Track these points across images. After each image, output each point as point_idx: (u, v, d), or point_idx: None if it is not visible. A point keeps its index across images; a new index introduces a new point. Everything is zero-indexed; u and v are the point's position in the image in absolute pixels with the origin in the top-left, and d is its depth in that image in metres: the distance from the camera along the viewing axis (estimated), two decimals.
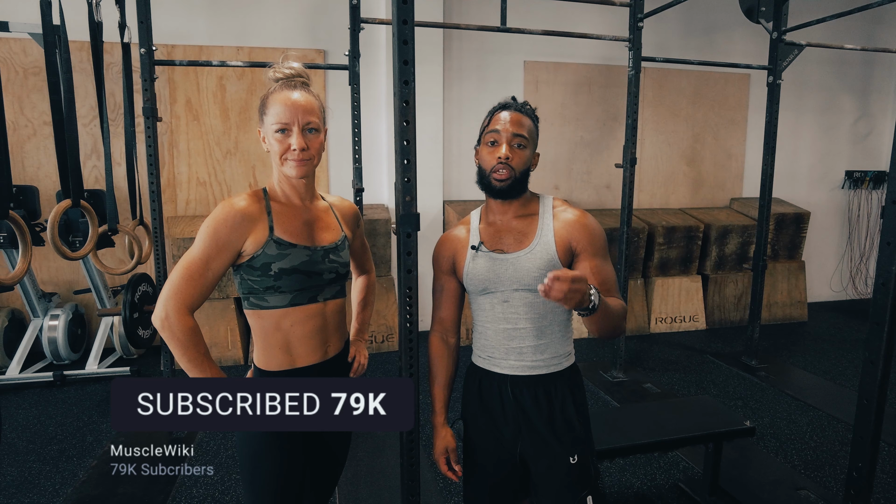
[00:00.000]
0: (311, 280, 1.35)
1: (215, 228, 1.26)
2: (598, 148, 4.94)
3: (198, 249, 1.26)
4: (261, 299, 1.33)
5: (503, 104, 1.40)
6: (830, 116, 5.48)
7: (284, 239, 1.32)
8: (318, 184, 4.39)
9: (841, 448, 2.89)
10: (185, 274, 1.25)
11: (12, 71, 3.79)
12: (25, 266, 2.13)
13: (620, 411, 2.72)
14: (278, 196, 1.37)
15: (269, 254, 1.30)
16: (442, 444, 1.49)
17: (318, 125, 1.33)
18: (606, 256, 1.41)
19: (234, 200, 1.30)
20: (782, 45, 3.62)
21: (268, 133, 1.32)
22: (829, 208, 5.62)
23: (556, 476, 1.39)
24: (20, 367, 3.48)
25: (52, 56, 2.59)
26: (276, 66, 1.36)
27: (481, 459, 1.47)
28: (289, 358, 1.36)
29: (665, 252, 4.65)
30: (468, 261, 1.44)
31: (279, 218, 1.34)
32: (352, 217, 1.54)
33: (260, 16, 4.14)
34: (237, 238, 1.27)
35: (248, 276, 1.32)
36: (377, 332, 4.22)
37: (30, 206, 3.49)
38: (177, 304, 1.23)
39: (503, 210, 1.42)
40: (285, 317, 1.33)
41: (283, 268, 1.31)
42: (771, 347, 4.36)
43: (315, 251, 1.36)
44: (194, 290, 1.25)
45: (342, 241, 1.44)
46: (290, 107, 1.29)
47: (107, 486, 2.49)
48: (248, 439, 1.35)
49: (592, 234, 1.39)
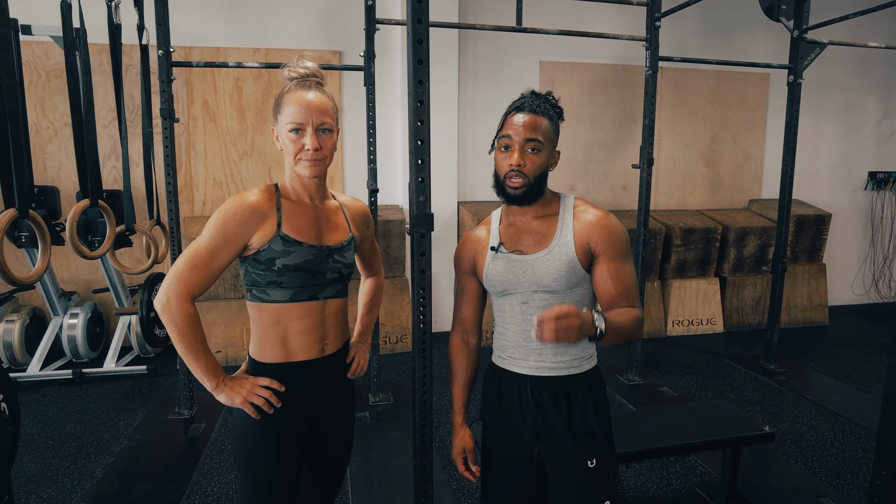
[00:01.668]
0: (313, 278, 1.35)
1: (224, 220, 1.28)
2: (614, 148, 4.90)
3: (205, 239, 1.28)
4: (263, 292, 1.34)
5: (518, 105, 1.35)
6: (853, 116, 5.38)
7: (291, 236, 1.33)
8: (333, 184, 4.44)
9: (864, 455, 2.82)
10: (190, 262, 1.27)
11: (35, 74, 3.86)
12: (45, 265, 2.16)
13: (636, 415, 2.69)
14: (289, 193, 1.38)
15: (275, 249, 1.31)
16: (460, 444, 1.49)
17: (332, 125, 1.33)
18: (627, 259, 1.36)
19: (246, 194, 1.31)
20: (803, 43, 3.56)
21: (282, 132, 1.32)
22: (852, 210, 5.51)
23: (573, 480, 1.37)
24: (40, 365, 3.54)
25: (72, 58, 2.63)
26: (290, 66, 1.36)
27: (499, 460, 1.46)
28: (284, 351, 1.36)
29: (682, 254, 4.59)
30: (488, 262, 1.43)
31: (288, 215, 1.34)
32: (361, 218, 1.53)
33: (276, 17, 4.17)
34: (245, 231, 1.29)
35: (252, 269, 1.33)
36: (391, 332, 4.22)
37: (50, 206, 3.55)
38: (178, 290, 1.26)
39: (522, 211, 1.40)
40: (285, 312, 1.35)
41: (287, 264, 1.32)
42: (790, 351, 4.28)
43: (320, 250, 1.36)
44: (198, 278, 1.27)
45: (349, 242, 1.44)
46: (305, 107, 1.29)
47: (123, 484, 2.51)
48: (244, 429, 1.36)
49: (612, 236, 1.34)
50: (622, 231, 1.36)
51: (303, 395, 1.39)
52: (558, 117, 1.39)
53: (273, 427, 1.35)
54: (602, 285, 1.34)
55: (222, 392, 1.32)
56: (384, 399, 3.35)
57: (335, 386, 1.49)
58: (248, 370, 1.40)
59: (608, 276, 1.33)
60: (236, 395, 1.32)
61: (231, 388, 1.32)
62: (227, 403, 1.33)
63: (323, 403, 1.45)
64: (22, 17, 3.14)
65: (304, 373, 1.39)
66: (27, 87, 3.76)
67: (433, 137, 1.29)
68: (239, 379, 1.35)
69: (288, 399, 1.36)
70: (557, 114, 1.38)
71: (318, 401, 1.43)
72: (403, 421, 3.11)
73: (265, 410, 1.33)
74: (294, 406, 1.38)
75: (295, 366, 1.38)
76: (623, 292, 1.33)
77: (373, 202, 3.18)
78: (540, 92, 1.39)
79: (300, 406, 1.39)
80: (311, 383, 1.40)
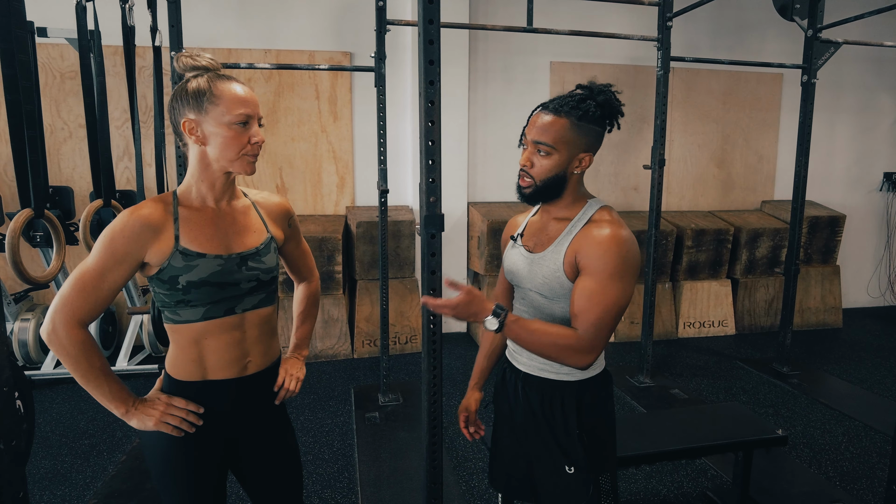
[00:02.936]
0: (224, 291, 1.24)
1: (112, 238, 1.15)
2: (625, 149, 4.87)
3: (93, 260, 1.15)
4: (174, 313, 1.24)
5: (544, 102, 1.31)
6: (868, 116, 5.31)
7: (191, 249, 1.21)
8: (344, 185, 4.46)
9: (879, 460, 2.78)
10: (77, 285, 1.15)
11: (50, 75, 3.90)
12: (59, 264, 2.18)
13: (647, 417, 2.67)
14: (191, 199, 1.25)
15: (176, 266, 1.19)
16: (466, 402, 1.58)
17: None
18: (611, 282, 1.21)
19: (137, 207, 1.19)
20: (818, 43, 3.52)
21: (217, 126, 1.19)
22: (867, 211, 5.44)
23: (552, 482, 1.38)
24: (54, 363, 3.58)
25: (86, 60, 2.66)
26: (192, 55, 1.23)
27: (502, 446, 1.52)
28: (200, 369, 1.27)
29: (694, 255, 4.56)
30: (508, 249, 1.46)
31: (187, 225, 1.22)
32: (280, 215, 1.39)
33: (287, 19, 4.19)
34: (136, 249, 1.16)
35: (158, 289, 1.23)
36: (401, 332, 4.23)
37: (65, 206, 3.59)
38: (65, 316, 1.14)
39: (547, 209, 1.39)
40: (199, 331, 1.24)
41: (191, 280, 1.20)
42: (803, 354, 4.23)
43: (229, 259, 1.24)
44: (86, 302, 1.15)
45: (266, 245, 1.31)
46: (249, 99, 1.21)
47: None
48: (154, 450, 1.28)
49: (600, 253, 1.22)
50: (621, 253, 1.22)
51: (219, 412, 1.29)
52: (598, 117, 1.28)
53: (183, 445, 1.26)
54: (571, 298, 1.26)
55: (134, 417, 1.22)
56: (393, 399, 3.36)
57: (259, 407, 1.37)
58: (164, 387, 1.29)
59: (577, 290, 1.25)
60: (149, 419, 1.22)
61: (143, 412, 1.22)
62: (141, 428, 1.23)
63: (244, 423, 1.34)
64: (38, 20, 3.18)
65: (220, 391, 1.28)
66: (42, 89, 3.80)
67: (443, 138, 1.28)
68: (151, 400, 1.25)
69: (201, 416, 1.27)
70: (594, 114, 1.27)
71: (237, 419, 1.32)
72: (413, 422, 3.11)
73: (185, 429, 1.24)
74: (208, 423, 1.27)
75: (211, 384, 1.27)
76: (579, 312, 1.23)
77: (383, 203, 3.19)
78: (595, 85, 1.29)
79: (215, 423, 1.29)
80: (226, 401, 1.29)
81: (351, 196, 4.50)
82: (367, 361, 4.06)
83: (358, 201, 4.53)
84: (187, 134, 1.21)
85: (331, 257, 3.96)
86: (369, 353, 4.16)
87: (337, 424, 3.13)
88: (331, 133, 4.39)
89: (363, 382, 3.69)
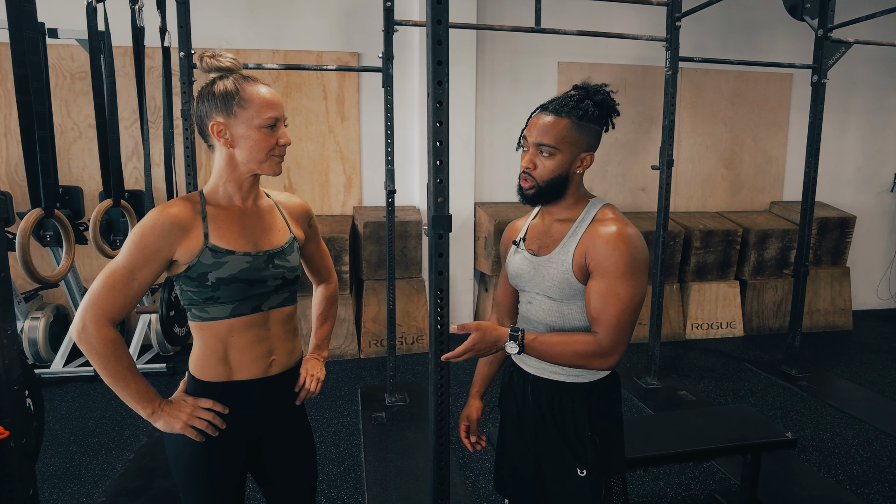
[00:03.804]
0: (253, 289, 1.25)
1: (142, 236, 1.16)
2: (633, 150, 4.85)
3: (123, 258, 1.16)
4: (202, 311, 1.24)
5: (544, 104, 1.32)
6: (879, 117, 5.27)
7: (221, 246, 1.22)
8: (351, 185, 4.47)
9: (890, 464, 2.76)
10: (107, 283, 1.15)
11: (60, 76, 3.93)
12: (69, 263, 2.20)
13: (654, 419, 2.66)
14: (218, 199, 1.27)
15: (205, 263, 1.20)
16: (467, 411, 1.56)
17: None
18: (623, 280, 1.22)
19: (166, 206, 1.20)
20: (828, 42, 3.49)
21: (247, 129, 1.21)
22: (877, 212, 5.39)
23: (563, 485, 1.37)
24: (64, 362, 3.60)
25: (96, 61, 2.67)
26: (214, 55, 1.23)
27: (509, 450, 1.50)
28: (226, 369, 1.27)
29: (702, 256, 4.53)
30: (510, 254, 1.45)
31: (216, 223, 1.23)
32: (301, 216, 1.41)
33: (295, 19, 4.20)
34: (166, 247, 1.18)
35: (186, 287, 1.23)
36: (407, 333, 4.23)
37: (74, 205, 3.61)
38: (95, 314, 1.14)
39: (549, 210, 1.38)
40: (227, 328, 1.25)
41: (221, 277, 1.21)
42: (813, 356, 4.20)
43: (257, 257, 1.26)
44: (116, 300, 1.15)
45: (290, 244, 1.33)
46: (276, 101, 1.24)
47: (143, 480, 2.55)
48: (178, 450, 1.28)
49: (610, 252, 1.22)
50: (629, 250, 1.22)
51: (243, 415, 1.29)
52: (597, 116, 1.29)
53: (207, 448, 1.26)
54: (586, 302, 1.28)
55: (160, 419, 1.21)
56: (400, 399, 3.36)
57: (282, 407, 1.38)
58: (188, 389, 1.29)
59: (591, 293, 1.26)
60: (175, 421, 1.21)
61: (169, 414, 1.22)
62: (167, 430, 1.23)
63: (267, 425, 1.35)
64: (49, 21, 3.20)
65: (245, 392, 1.29)
66: (53, 89, 3.83)
67: (450, 138, 1.28)
68: (177, 402, 1.25)
69: (226, 418, 1.27)
70: (593, 114, 1.27)
71: (260, 421, 1.33)
72: (419, 422, 3.11)
73: (209, 433, 1.24)
74: (232, 425, 1.28)
75: (237, 385, 1.28)
76: (596, 315, 1.24)
77: (390, 203, 3.19)
78: (591, 85, 1.30)
79: (239, 425, 1.29)
80: (251, 404, 1.30)
81: (358, 196, 4.51)
82: (374, 361, 4.07)
83: (365, 201, 4.54)
84: (215, 136, 1.22)
85: (338, 257, 3.96)
86: (376, 353, 4.16)
87: (343, 424, 3.13)
88: (338, 133, 4.39)
89: (370, 382, 3.69)
